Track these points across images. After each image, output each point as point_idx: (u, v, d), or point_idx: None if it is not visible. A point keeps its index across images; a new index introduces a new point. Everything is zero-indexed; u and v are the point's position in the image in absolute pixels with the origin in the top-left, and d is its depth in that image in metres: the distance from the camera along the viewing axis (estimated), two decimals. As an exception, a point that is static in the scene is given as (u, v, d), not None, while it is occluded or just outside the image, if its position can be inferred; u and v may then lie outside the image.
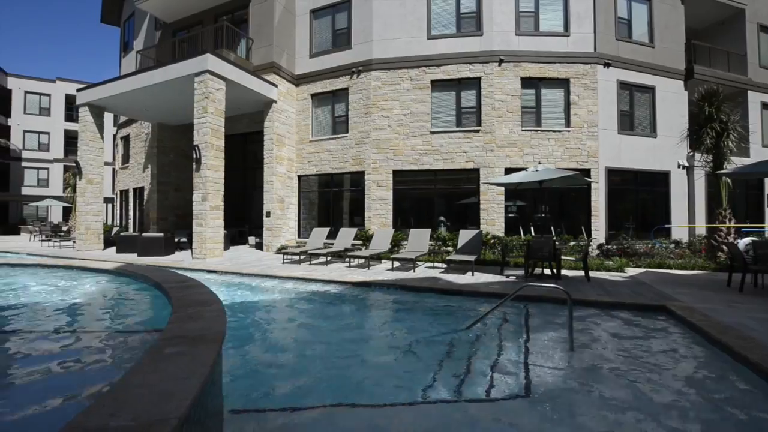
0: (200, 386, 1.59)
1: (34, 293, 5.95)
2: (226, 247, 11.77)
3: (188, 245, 12.54)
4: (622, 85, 11.60)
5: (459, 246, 8.96)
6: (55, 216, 28.17)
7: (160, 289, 4.55)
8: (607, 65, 11.34)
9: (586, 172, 10.87)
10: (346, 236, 10.61)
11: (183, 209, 15.72)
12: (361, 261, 9.63)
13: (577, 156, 11.00)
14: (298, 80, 13.52)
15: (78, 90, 13.20)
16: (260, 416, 2.54)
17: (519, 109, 11.22)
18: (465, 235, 9.11)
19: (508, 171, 10.92)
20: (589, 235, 10.75)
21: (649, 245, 10.35)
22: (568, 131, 11.08)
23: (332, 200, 13.22)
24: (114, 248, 12.50)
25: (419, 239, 9.54)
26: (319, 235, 11.12)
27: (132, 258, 10.31)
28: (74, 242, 14.06)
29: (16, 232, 27.12)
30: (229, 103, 11.45)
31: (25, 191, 31.38)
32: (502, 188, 10.87)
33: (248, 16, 13.33)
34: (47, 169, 32.54)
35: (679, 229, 11.70)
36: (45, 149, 32.51)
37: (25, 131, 31.76)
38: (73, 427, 1.28)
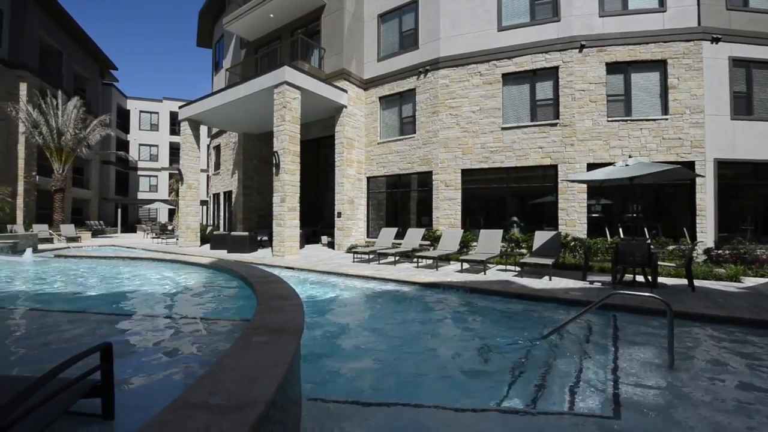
0: (284, 374, 1.70)
1: (147, 282, 6.95)
2: (301, 246, 12.54)
3: (269, 243, 13.63)
4: (736, 62, 9.87)
5: (534, 248, 8.42)
6: (163, 216, 32.66)
7: (246, 282, 5.01)
8: (715, 40, 9.75)
9: (690, 166, 9.46)
10: (414, 236, 10.61)
11: (264, 210, 17.16)
12: (429, 261, 9.56)
13: (678, 147, 9.64)
14: (367, 84, 13.89)
15: (180, 107, 15.15)
16: (335, 407, 2.64)
17: (604, 97, 10.17)
18: (541, 237, 8.53)
19: (591, 167, 9.97)
20: (693, 238, 9.35)
21: (776, 250, 8.66)
22: (666, 119, 9.75)
23: (400, 201, 13.33)
24: (208, 245, 14.08)
25: (490, 240, 9.16)
26: (387, 235, 11.29)
27: (222, 254, 11.50)
28: (177, 239, 16.15)
29: (134, 230, 32.11)
30: (303, 110, 12.20)
31: (140, 196, 37.07)
32: (584, 186, 9.96)
33: (320, 27, 14.07)
34: (156, 176, 38.01)
35: (818, 232, 9.60)
36: (155, 159, 38.01)
37: (139, 145, 37.49)
38: (181, 401, 1.46)
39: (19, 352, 3.27)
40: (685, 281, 6.60)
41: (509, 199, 11.22)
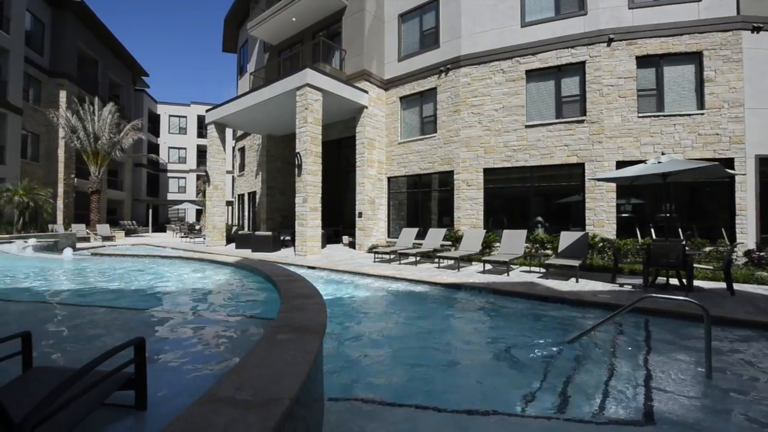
0: (307, 372, 1.72)
1: (177, 280, 7.21)
2: (323, 246, 12.69)
3: (291, 243, 13.86)
4: (781, 52, 9.26)
5: (560, 249, 8.19)
6: (190, 216, 33.82)
7: (270, 281, 5.10)
8: (756, 29, 9.18)
9: (728, 163, 8.96)
10: (435, 237, 10.54)
11: (287, 211, 17.47)
12: (451, 262, 9.47)
13: (715, 143, 9.14)
14: (387, 84, 13.91)
15: (206, 111, 15.64)
16: (356, 405, 2.65)
17: (634, 92, 9.78)
18: (567, 237, 8.29)
19: (621, 165, 9.61)
20: (732, 239, 8.85)
21: (826, 253, 8.06)
22: (702, 114, 9.27)
23: (420, 201, 13.27)
24: (233, 244, 14.47)
25: (513, 241, 8.98)
26: (408, 235, 11.26)
27: (247, 253, 11.78)
28: (204, 239, 16.69)
29: (163, 230, 33.42)
30: (325, 111, 12.33)
31: (169, 197, 38.54)
32: (614, 184, 9.61)
33: (341, 29, 14.20)
34: (185, 178, 39.40)
35: None
36: (183, 162, 39.43)
37: (169, 147, 38.98)
38: (209, 396, 1.50)
39: (60, 344, 3.46)
40: (723, 285, 6.25)
41: (533, 198, 10.96)
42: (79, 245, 14.28)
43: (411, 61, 13.29)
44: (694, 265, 6.47)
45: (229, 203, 28.11)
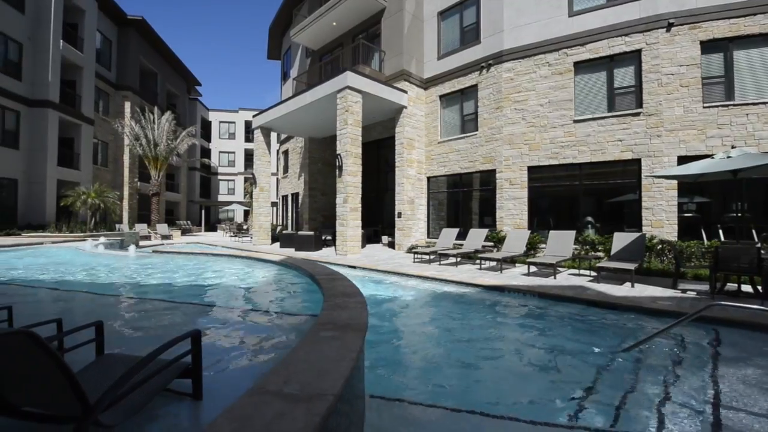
0: (350, 369, 1.75)
1: (228, 277, 7.63)
2: (362, 245, 12.85)
3: (332, 242, 14.17)
4: None
5: (613, 251, 7.67)
6: (239, 217, 35.71)
7: (313, 279, 5.25)
8: None
9: (814, 155, 7.92)
10: (477, 237, 10.30)
11: (328, 211, 17.90)
12: (493, 264, 9.20)
13: (798, 134, 8.12)
14: (427, 83, 13.80)
15: (253, 116, 16.42)
16: (396, 405, 2.65)
17: (698, 81, 8.93)
18: (621, 239, 7.75)
19: (683, 160, 8.81)
20: (819, 241, 7.81)
21: None
22: (781, 102, 8.28)
23: (461, 201, 13.03)
24: (278, 243, 15.05)
25: (561, 242, 8.55)
26: (448, 236, 11.09)
27: (291, 252, 12.21)
28: (251, 238, 17.52)
29: (214, 229, 35.57)
30: (364, 113, 12.47)
31: (219, 198, 40.96)
32: (675, 182, 8.84)
33: (380, 31, 14.29)
34: (233, 180, 41.67)
35: None
36: (232, 165, 41.73)
37: (219, 152, 41.40)
38: (258, 388, 1.57)
39: (125, 333, 3.78)
40: (809, 293, 5.53)
41: (583, 197, 10.36)
42: (141, 243, 15.55)
43: (451, 58, 13.09)
44: (773, 270, 5.79)
45: (273, 204, 29.30)
